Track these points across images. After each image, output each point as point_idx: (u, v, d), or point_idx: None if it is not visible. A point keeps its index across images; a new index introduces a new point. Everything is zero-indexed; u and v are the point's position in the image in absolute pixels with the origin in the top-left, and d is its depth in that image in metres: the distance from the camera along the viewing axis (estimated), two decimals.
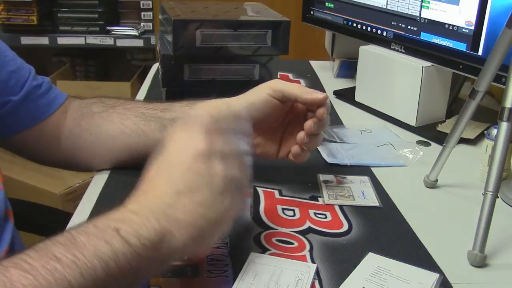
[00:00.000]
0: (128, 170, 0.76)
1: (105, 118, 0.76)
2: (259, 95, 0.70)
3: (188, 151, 0.50)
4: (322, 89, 1.20)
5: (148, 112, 0.75)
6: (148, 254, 0.46)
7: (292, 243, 0.63)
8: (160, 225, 0.47)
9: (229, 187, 0.51)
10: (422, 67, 0.94)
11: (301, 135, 0.69)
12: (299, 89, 0.69)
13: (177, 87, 0.97)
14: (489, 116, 0.93)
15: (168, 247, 0.47)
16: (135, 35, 2.15)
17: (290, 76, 1.28)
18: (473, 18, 0.86)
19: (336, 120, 1.01)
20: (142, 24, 2.19)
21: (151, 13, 2.18)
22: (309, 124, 0.69)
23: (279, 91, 0.69)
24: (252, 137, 0.69)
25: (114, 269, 0.43)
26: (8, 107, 0.72)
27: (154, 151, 0.55)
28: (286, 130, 0.73)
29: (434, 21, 0.93)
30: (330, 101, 0.72)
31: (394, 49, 1.02)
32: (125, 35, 2.16)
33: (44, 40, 2.16)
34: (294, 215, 0.69)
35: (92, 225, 0.45)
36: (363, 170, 0.81)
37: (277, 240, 0.63)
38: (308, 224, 0.67)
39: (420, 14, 0.96)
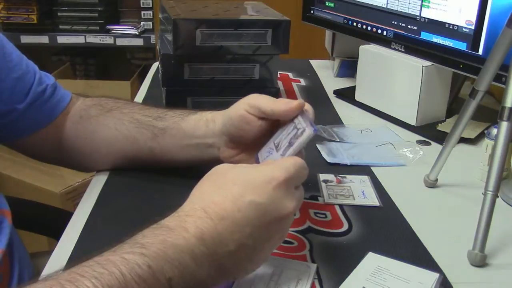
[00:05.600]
0: (128, 170, 0.77)
1: (100, 123, 0.76)
2: (236, 110, 0.67)
3: (265, 213, 0.50)
4: (322, 89, 1.20)
5: (143, 118, 0.75)
6: None
7: (292, 243, 0.63)
8: (209, 275, 0.47)
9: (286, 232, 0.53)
10: (422, 66, 0.94)
11: None
12: (274, 102, 0.65)
13: (177, 86, 0.97)
14: (489, 115, 0.93)
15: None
16: (135, 34, 2.15)
17: (290, 75, 1.28)
18: (473, 18, 0.86)
19: (336, 120, 1.01)
20: (142, 23, 2.19)
21: (151, 12, 2.18)
22: None
23: (255, 106, 0.65)
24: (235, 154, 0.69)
25: None
26: (13, 115, 0.72)
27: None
28: None
29: (435, 20, 0.93)
30: (330, 101, 0.72)
31: (394, 49, 1.02)
32: (125, 34, 2.16)
33: (44, 39, 2.15)
34: (294, 214, 0.69)
35: (148, 267, 0.44)
36: (363, 169, 0.81)
37: None
38: (308, 223, 0.67)
39: (420, 13, 0.96)
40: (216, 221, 0.48)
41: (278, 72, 1.02)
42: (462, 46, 0.89)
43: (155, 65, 1.29)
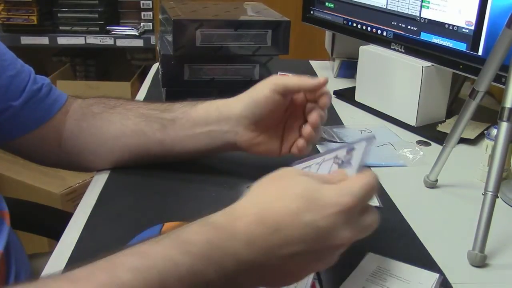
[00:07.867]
0: (128, 170, 0.76)
1: (105, 119, 0.75)
2: (262, 92, 0.69)
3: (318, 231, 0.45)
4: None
5: (149, 112, 0.75)
6: None
7: None
8: (248, 282, 0.45)
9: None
10: (422, 67, 0.94)
11: (307, 129, 0.70)
12: (299, 80, 0.69)
13: (177, 87, 0.97)
14: (489, 116, 0.93)
15: None
16: (135, 35, 2.15)
17: (290, 76, 1.28)
18: (473, 18, 0.86)
19: (336, 120, 1.01)
20: (142, 24, 2.19)
21: (151, 13, 2.18)
22: (314, 117, 0.69)
23: (282, 85, 0.68)
24: (255, 136, 0.70)
25: None
26: (8, 113, 0.72)
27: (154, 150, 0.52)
28: (286, 126, 0.73)
29: (434, 21, 0.93)
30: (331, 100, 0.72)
31: (394, 49, 1.02)
32: (125, 35, 2.16)
33: (44, 40, 2.15)
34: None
35: (189, 267, 0.42)
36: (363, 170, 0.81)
37: None
38: None
39: (420, 14, 0.96)
40: (269, 231, 0.44)
41: (278, 73, 1.02)
42: (462, 46, 0.89)
43: (155, 66, 1.29)
